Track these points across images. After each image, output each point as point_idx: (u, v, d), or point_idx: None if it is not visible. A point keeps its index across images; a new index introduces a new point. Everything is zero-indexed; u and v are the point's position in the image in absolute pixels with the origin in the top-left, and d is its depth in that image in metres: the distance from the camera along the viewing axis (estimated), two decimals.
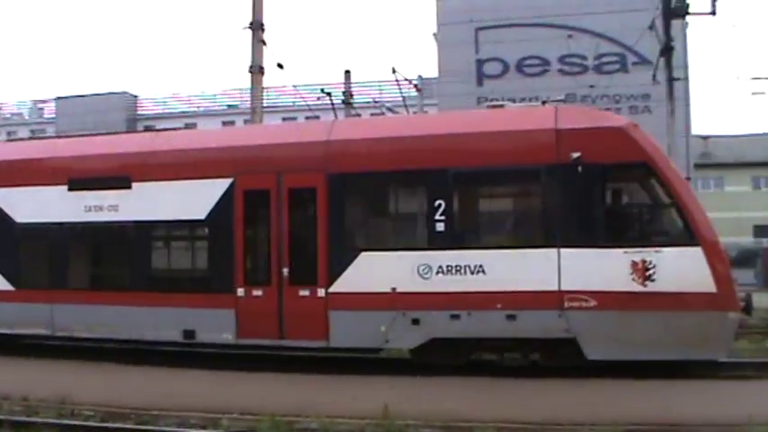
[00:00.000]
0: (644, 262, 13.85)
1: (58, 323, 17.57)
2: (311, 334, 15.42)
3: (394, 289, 14.91)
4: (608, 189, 14.70)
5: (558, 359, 14.62)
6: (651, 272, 13.81)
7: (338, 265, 15.30)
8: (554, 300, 14.15)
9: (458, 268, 14.66)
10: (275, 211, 16.02)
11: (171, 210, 16.79)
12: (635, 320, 13.79)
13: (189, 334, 16.42)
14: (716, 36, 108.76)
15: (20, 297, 18.07)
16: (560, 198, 14.52)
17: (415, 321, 14.84)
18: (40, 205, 17.89)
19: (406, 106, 24.83)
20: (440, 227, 14.90)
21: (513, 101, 18.29)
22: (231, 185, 16.28)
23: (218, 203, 16.36)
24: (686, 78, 30.90)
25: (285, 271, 15.71)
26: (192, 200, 16.52)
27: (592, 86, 33.26)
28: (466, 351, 15.22)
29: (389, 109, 23.97)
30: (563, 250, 14.18)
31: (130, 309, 16.67)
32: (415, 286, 14.80)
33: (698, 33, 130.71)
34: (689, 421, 10.66)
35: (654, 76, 26.94)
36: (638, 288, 13.83)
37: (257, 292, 15.91)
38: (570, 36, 34.72)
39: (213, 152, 16.90)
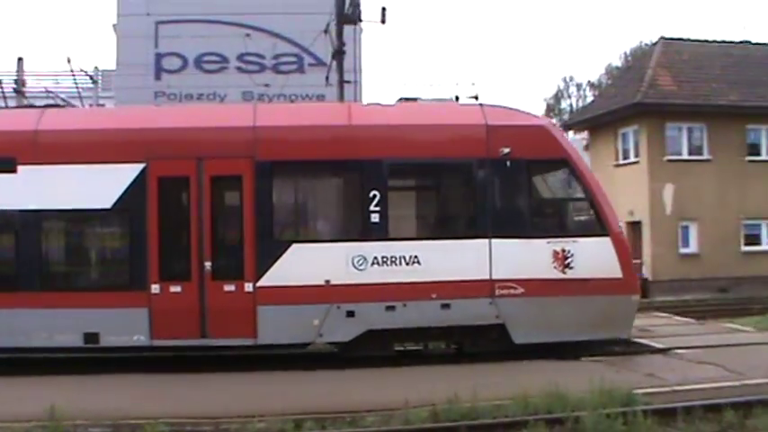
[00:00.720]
0: (563, 251, 15.02)
1: None
2: (237, 332, 14.71)
3: (327, 281, 14.68)
4: (532, 183, 15.58)
5: (485, 345, 15.26)
6: (570, 260, 15.02)
7: (267, 258, 14.70)
8: (486, 288, 14.92)
9: (393, 259, 14.83)
10: (195, 200, 14.87)
11: (68, 197, 14.74)
12: (556, 305, 14.92)
13: (91, 337, 14.58)
14: (393, 42, 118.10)
15: None
16: (490, 191, 15.28)
17: (350, 314, 14.75)
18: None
19: (80, 98, 24.52)
20: (374, 218, 14.91)
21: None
22: (143, 171, 14.76)
23: (126, 191, 14.76)
24: (357, 82, 32.22)
25: (207, 265, 14.68)
26: (95, 187, 14.71)
27: (267, 85, 33.68)
28: (396, 341, 15.41)
29: (64, 100, 22.09)
30: (494, 240, 14.94)
31: (15, 312, 14.44)
32: (350, 278, 14.72)
33: (376, 39, 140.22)
34: (355, 407, 11.18)
35: (327, 78, 27.81)
36: (558, 275, 15.01)
37: (175, 289, 14.63)
38: (248, 35, 34.70)
39: (121, 134, 15.21)
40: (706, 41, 39.65)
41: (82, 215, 15.06)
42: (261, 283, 14.62)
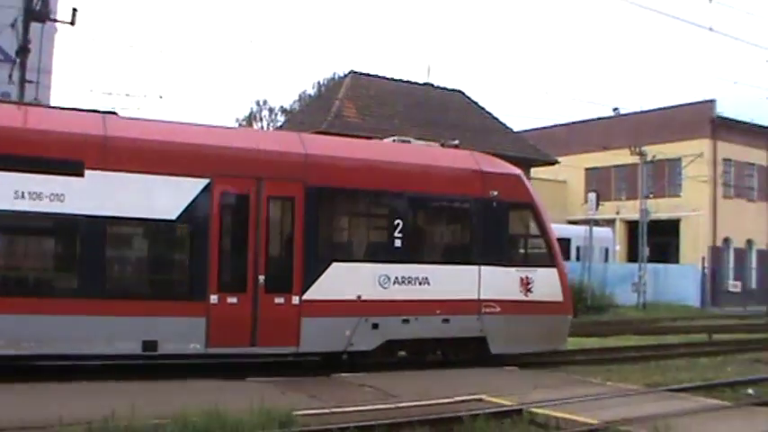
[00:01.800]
0: (527, 278, 18.51)
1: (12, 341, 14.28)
2: (283, 340, 16.20)
3: (359, 297, 16.83)
4: (509, 221, 18.81)
5: (466, 354, 18.28)
6: (530, 285, 18.52)
7: (311, 274, 16.41)
8: (475, 306, 17.94)
9: (409, 279, 17.32)
10: (254, 217, 16.06)
11: (136, 206, 15.14)
12: (521, 322, 18.26)
13: (150, 345, 15.09)
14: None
15: None
16: (481, 225, 18.31)
17: (375, 326, 16.98)
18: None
19: None
20: (397, 243, 17.35)
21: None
22: (208, 186, 15.64)
23: (192, 204, 15.54)
24: (40, 83, 28.80)
25: (261, 278, 15.95)
26: (162, 197, 15.31)
27: None
28: (404, 350, 18.13)
29: None
30: (482, 267, 18.03)
31: (78, 318, 14.52)
32: (377, 294, 16.96)
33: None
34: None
35: (10, 75, 26.58)
36: (523, 297, 18.46)
37: (232, 300, 15.73)
38: None
39: (191, 148, 15.92)
40: (393, 79, 41.60)
41: (147, 224, 15.59)
42: (306, 296, 16.26)
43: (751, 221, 55.40)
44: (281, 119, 71.10)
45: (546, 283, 18.74)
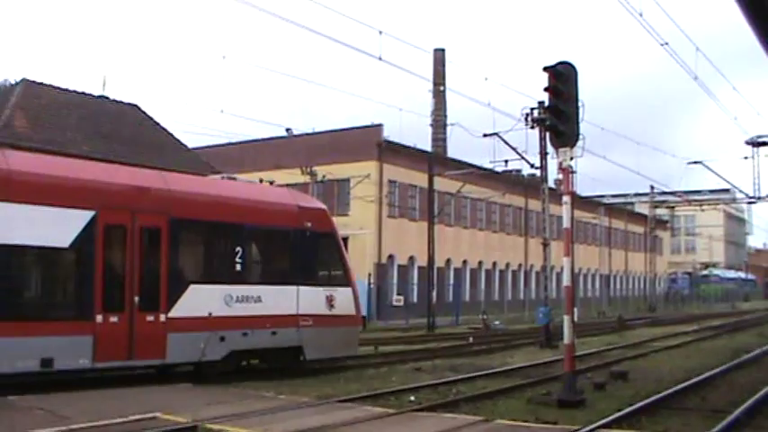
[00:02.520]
0: (331, 296, 22.17)
1: None
2: (154, 354, 18.46)
3: (210, 314, 19.50)
4: (318, 248, 22.34)
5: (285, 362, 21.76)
6: (333, 302, 22.20)
7: (175, 295, 18.83)
8: (294, 321, 21.32)
9: (247, 298, 20.31)
10: (130, 245, 18.24)
11: (33, 235, 16.78)
12: (327, 333, 21.87)
13: (47, 362, 16.60)
14: None
15: None
16: (299, 252, 21.76)
17: (222, 338, 19.72)
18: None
19: None
20: (238, 267, 20.38)
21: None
22: (94, 218, 17.57)
23: (81, 233, 17.39)
24: None
25: (136, 299, 18.08)
26: (56, 227, 17.06)
27: None
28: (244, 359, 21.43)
29: None
30: (300, 287, 21.46)
31: None
32: (223, 311, 19.76)
33: None
34: None
35: None
36: (328, 312, 22.08)
37: (113, 319, 17.68)
38: None
39: (81, 183, 17.87)
40: (67, 90, 39.84)
41: (43, 251, 17.28)
42: (170, 314, 18.73)
43: (413, 239, 59.06)
44: None
45: (344, 300, 22.55)
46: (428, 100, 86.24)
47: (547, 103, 17.40)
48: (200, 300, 19.28)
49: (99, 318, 17.33)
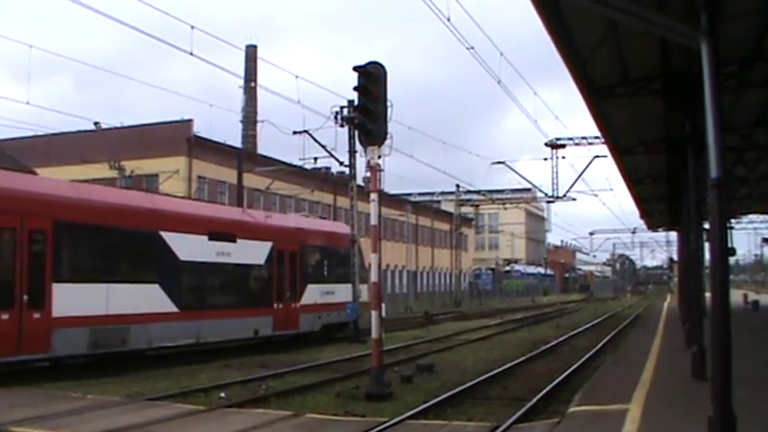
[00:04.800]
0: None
1: (202, 335, 25.13)
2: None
3: (315, 302, 31.38)
4: (349, 259, 32.58)
5: None
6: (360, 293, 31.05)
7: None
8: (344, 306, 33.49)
9: (329, 292, 32.75)
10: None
11: None
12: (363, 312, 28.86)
13: None
14: None
15: (180, 317, 24.22)
16: (345, 262, 32.59)
17: (319, 317, 28.75)
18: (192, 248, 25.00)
19: None
20: (325, 273, 32.01)
21: None
22: None
23: None
24: None
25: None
26: None
27: None
28: None
29: None
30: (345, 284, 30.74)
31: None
32: (321, 300, 31.95)
33: None
34: None
35: None
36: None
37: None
38: None
39: None
40: None
41: None
42: (300, 303, 30.73)
43: None
44: None
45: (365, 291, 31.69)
46: (239, 96, 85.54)
47: (356, 103, 17.67)
48: (312, 293, 31.41)
49: None
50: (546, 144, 50.30)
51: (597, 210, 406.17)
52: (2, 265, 19.36)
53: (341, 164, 39.36)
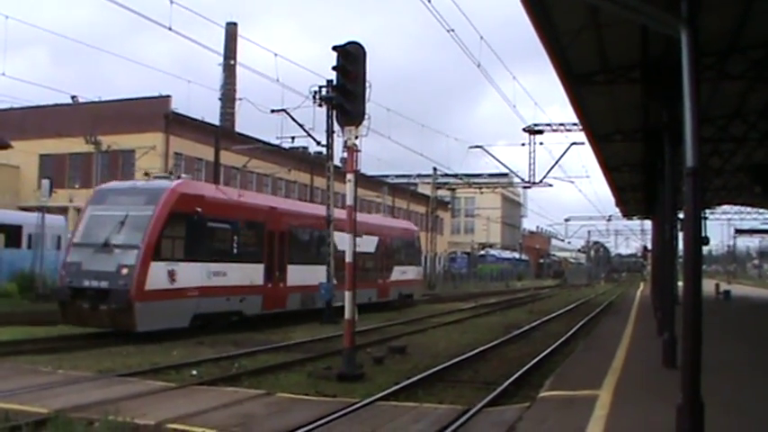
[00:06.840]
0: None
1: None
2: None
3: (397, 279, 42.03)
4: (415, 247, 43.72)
5: None
6: (420, 273, 39.74)
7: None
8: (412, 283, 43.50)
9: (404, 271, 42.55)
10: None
11: None
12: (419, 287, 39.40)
13: None
14: None
15: (338, 287, 31.92)
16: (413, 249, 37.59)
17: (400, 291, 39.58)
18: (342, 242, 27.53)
19: None
20: (402, 257, 41.18)
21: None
22: None
23: None
24: None
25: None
26: None
27: None
28: None
29: None
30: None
31: None
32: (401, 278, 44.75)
33: None
34: None
35: None
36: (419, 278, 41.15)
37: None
38: None
39: None
40: None
41: None
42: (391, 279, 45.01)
43: None
44: None
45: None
46: (218, 73, 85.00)
47: (335, 82, 17.62)
48: (396, 273, 44.45)
49: None
50: (524, 129, 50.22)
51: (573, 196, 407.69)
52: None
53: (318, 144, 39.32)
